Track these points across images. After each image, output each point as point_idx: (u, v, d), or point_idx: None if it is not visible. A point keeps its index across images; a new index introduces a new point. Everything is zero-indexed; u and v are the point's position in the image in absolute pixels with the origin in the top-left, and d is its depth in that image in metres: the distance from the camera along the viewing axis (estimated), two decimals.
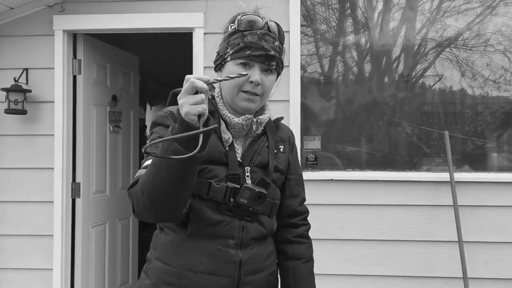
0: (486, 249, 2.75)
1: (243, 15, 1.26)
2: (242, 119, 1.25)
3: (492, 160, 2.92)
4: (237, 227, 1.23)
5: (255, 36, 1.22)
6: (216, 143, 1.23)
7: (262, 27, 1.25)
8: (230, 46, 1.24)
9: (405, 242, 2.80)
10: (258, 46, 1.21)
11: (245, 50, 1.21)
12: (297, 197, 1.45)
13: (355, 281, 2.82)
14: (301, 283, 1.39)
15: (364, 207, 2.82)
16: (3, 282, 3.03)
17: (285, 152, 1.39)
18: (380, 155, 2.98)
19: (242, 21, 1.24)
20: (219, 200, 1.21)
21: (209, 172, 1.21)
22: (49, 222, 3.00)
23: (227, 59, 1.24)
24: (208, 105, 1.20)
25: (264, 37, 1.23)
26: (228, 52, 1.24)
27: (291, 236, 1.43)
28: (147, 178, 1.07)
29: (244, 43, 1.21)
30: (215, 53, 1.32)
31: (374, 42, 3.03)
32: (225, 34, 1.28)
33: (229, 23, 1.30)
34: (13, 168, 3.02)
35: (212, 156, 1.21)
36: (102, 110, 3.48)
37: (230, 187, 1.22)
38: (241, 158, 1.28)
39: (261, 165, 1.29)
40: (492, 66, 2.93)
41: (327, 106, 3.08)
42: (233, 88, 1.24)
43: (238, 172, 1.24)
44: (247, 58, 1.21)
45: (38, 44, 3.02)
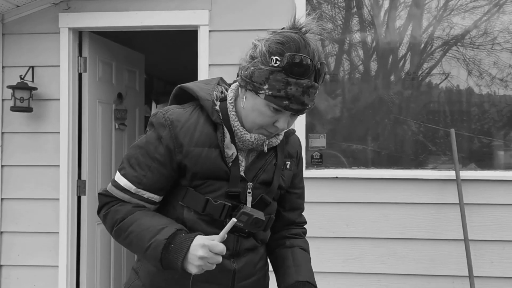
0: (492, 247, 2.73)
1: (293, 54, 1.08)
2: (254, 138, 1.20)
3: (499, 158, 2.90)
4: (231, 240, 1.22)
5: (299, 89, 1.09)
6: (217, 160, 1.18)
7: (309, 75, 1.10)
8: (269, 86, 1.10)
9: (411, 240, 2.79)
10: (299, 101, 1.10)
11: (284, 100, 1.10)
12: (297, 210, 1.43)
13: (361, 279, 2.81)
14: (300, 265, 1.34)
15: (369, 205, 2.81)
16: (10, 279, 3.04)
17: (291, 169, 1.34)
18: (386, 153, 2.97)
19: (290, 65, 1.08)
20: (215, 217, 1.19)
21: (208, 186, 1.19)
22: (55, 220, 3.01)
23: (260, 94, 1.12)
24: (214, 116, 1.19)
25: (308, 91, 1.10)
26: (264, 89, 1.11)
27: (288, 233, 1.42)
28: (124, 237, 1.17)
29: (285, 93, 1.09)
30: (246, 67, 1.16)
31: (380, 40, 3.01)
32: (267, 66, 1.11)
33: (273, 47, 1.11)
34: (19, 165, 3.04)
35: (212, 172, 1.19)
36: (107, 108, 3.49)
37: (228, 206, 1.19)
38: (244, 172, 1.23)
39: (265, 182, 1.26)
40: (499, 65, 2.91)
41: (333, 104, 3.07)
42: (256, 124, 1.18)
43: (238, 190, 1.21)
44: (283, 107, 1.11)
45: (43, 42, 3.03)
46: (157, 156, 1.18)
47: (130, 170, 1.19)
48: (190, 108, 1.23)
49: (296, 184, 1.40)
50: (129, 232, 1.14)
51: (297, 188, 1.41)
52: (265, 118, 1.15)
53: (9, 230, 3.03)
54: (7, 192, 3.04)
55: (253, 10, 2.90)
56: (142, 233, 1.12)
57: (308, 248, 1.43)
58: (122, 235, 1.16)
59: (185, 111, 1.21)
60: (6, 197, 3.04)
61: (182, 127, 1.18)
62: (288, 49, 1.09)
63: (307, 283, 1.28)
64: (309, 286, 1.28)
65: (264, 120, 1.15)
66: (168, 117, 1.19)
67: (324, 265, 2.81)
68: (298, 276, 1.29)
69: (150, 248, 1.10)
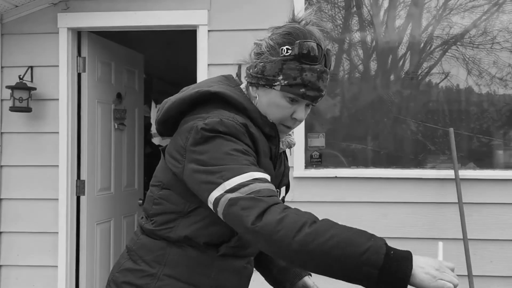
0: (491, 246, 2.73)
1: (304, 41, 1.09)
2: (284, 145, 1.23)
3: (498, 157, 2.90)
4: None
5: (314, 74, 1.09)
6: (272, 172, 1.15)
7: (320, 61, 1.11)
8: (284, 76, 1.09)
9: (410, 240, 2.79)
10: (315, 86, 1.10)
11: (300, 87, 1.09)
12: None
13: None
14: None
15: (368, 204, 2.81)
16: (9, 279, 3.04)
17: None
18: (385, 153, 2.97)
19: (303, 52, 1.08)
20: None
21: None
22: (54, 220, 3.01)
23: (275, 87, 1.11)
24: (266, 128, 1.14)
25: (322, 76, 1.11)
26: (278, 80, 1.10)
27: None
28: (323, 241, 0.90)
29: (302, 79, 1.08)
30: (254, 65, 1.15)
31: (379, 40, 3.01)
32: (279, 57, 1.10)
33: (281, 38, 1.11)
34: (18, 165, 3.04)
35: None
36: (106, 108, 3.49)
37: None
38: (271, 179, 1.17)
39: (285, 184, 1.29)
40: (499, 64, 2.91)
41: (332, 103, 3.08)
42: (275, 120, 1.15)
43: None
44: (300, 96, 1.10)
45: (42, 42, 3.04)
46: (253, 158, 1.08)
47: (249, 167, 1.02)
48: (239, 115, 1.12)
49: None
50: (331, 235, 0.90)
51: None
52: (283, 111, 1.13)
53: (8, 230, 3.04)
54: (7, 192, 3.04)
55: (252, 10, 2.90)
56: (351, 237, 0.91)
57: None
58: (318, 239, 0.90)
59: (241, 118, 1.11)
60: (6, 197, 3.04)
61: (255, 135, 1.11)
62: (297, 38, 1.10)
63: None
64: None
65: (283, 113, 1.13)
66: (241, 123, 1.08)
67: None
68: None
69: (368, 252, 0.88)
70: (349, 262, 0.89)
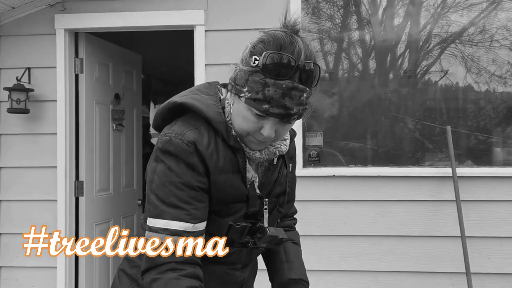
0: (489, 244, 2.74)
1: (272, 52, 0.98)
2: (265, 154, 1.14)
3: (495, 154, 2.91)
4: (245, 254, 1.24)
5: (278, 90, 0.98)
6: (240, 185, 1.13)
7: (291, 76, 0.99)
8: (248, 88, 1.01)
9: (408, 238, 2.79)
10: (279, 104, 0.99)
11: (263, 103, 1.00)
12: (290, 202, 1.41)
13: (359, 277, 2.82)
14: (293, 261, 1.32)
15: (367, 202, 2.82)
16: (8, 280, 3.05)
17: (292, 171, 1.32)
18: (383, 151, 2.97)
19: (267, 64, 0.98)
20: (236, 240, 1.18)
21: (229, 209, 1.15)
22: (53, 221, 3.02)
23: (242, 98, 1.04)
24: (231, 141, 1.10)
25: (290, 93, 0.98)
26: (244, 92, 1.02)
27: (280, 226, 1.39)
28: None
29: (263, 95, 0.99)
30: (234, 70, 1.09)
31: (378, 38, 3.02)
32: (248, 66, 1.03)
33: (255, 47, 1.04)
34: (16, 167, 3.04)
35: (235, 197, 1.14)
36: (104, 109, 3.49)
37: (248, 226, 1.17)
38: (259, 187, 1.18)
39: (279, 194, 1.24)
40: (497, 62, 2.91)
41: (330, 102, 3.08)
42: (242, 130, 1.08)
43: (257, 209, 1.18)
44: (263, 112, 1.01)
45: (40, 43, 3.04)
46: (198, 185, 1.07)
47: (175, 210, 1.05)
48: (202, 127, 1.10)
49: (290, 179, 1.37)
50: None
51: (292, 182, 1.38)
52: (249, 124, 1.05)
53: (7, 232, 3.04)
54: (5, 194, 3.04)
55: (249, 10, 2.90)
56: None
57: (299, 240, 1.42)
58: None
59: (200, 133, 1.09)
60: (4, 199, 3.04)
61: (206, 152, 1.08)
62: (267, 48, 1.00)
63: (300, 281, 1.28)
64: (302, 283, 1.28)
65: (249, 126, 1.06)
66: (189, 142, 1.06)
67: (321, 263, 2.82)
68: (291, 273, 1.29)
69: None
70: None
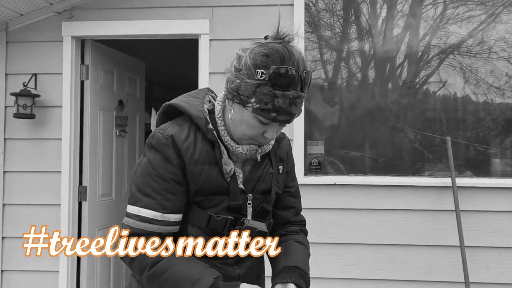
0: (488, 254, 2.77)
1: (279, 67, 1.07)
2: (247, 150, 1.22)
3: (495, 165, 2.94)
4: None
5: (286, 101, 1.09)
6: (217, 177, 1.20)
7: (295, 86, 1.09)
8: (256, 99, 1.10)
9: (408, 247, 2.82)
10: (287, 112, 1.10)
11: (271, 112, 1.10)
12: (290, 208, 1.43)
13: (358, 285, 2.84)
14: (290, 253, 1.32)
15: (367, 211, 2.85)
16: (10, 283, 3.07)
17: (283, 173, 1.37)
18: (383, 160, 3.01)
19: (276, 78, 1.07)
20: (218, 232, 1.23)
21: (209, 202, 1.22)
22: (56, 225, 3.04)
23: (248, 108, 1.12)
24: (209, 135, 1.20)
25: (295, 101, 1.10)
26: (251, 102, 1.10)
27: (284, 231, 1.42)
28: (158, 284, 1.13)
29: (273, 106, 1.09)
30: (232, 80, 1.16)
31: (377, 49, 3.06)
32: (253, 79, 1.10)
33: (258, 60, 1.10)
34: (21, 171, 3.07)
35: (213, 189, 1.21)
36: (108, 115, 3.53)
37: (230, 219, 1.22)
38: (243, 183, 1.25)
39: (264, 191, 1.29)
40: (495, 73, 2.95)
41: (331, 111, 3.12)
42: (245, 135, 1.19)
43: (239, 202, 1.23)
44: (271, 120, 1.11)
45: (47, 49, 3.08)
46: (171, 177, 1.18)
47: (148, 199, 1.17)
48: (185, 125, 1.22)
49: (287, 183, 1.41)
50: (163, 279, 1.12)
51: (289, 187, 1.41)
52: (254, 130, 1.16)
53: (10, 235, 3.06)
54: (9, 198, 3.07)
55: (253, 20, 2.95)
56: (179, 284, 1.11)
57: (305, 242, 1.41)
58: (155, 281, 1.14)
59: (181, 129, 1.21)
60: (8, 203, 3.07)
61: (183, 145, 1.18)
62: (273, 62, 1.08)
63: (295, 268, 1.26)
64: (297, 271, 1.25)
65: (253, 132, 1.16)
66: (167, 135, 1.18)
67: (321, 271, 2.84)
68: (287, 262, 1.28)
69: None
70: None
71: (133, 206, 1.18)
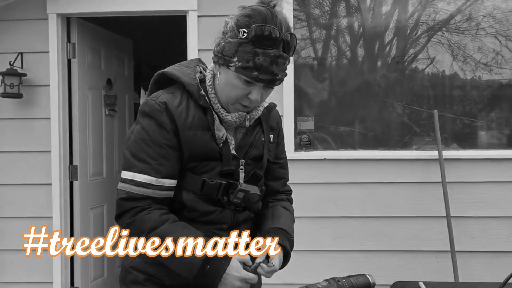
0: (473, 223, 2.85)
1: (260, 25, 1.12)
2: (235, 117, 1.25)
3: (480, 138, 3.01)
4: (229, 214, 1.29)
5: (267, 59, 1.13)
6: (209, 142, 1.24)
7: (277, 46, 1.14)
8: (238, 58, 1.14)
9: (396, 218, 2.89)
10: (268, 70, 1.14)
11: (253, 71, 1.13)
12: (280, 179, 1.48)
13: (348, 256, 2.91)
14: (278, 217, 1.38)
15: (356, 185, 2.90)
16: (4, 263, 3.08)
17: (274, 142, 1.41)
18: (372, 135, 3.05)
19: (257, 36, 1.12)
20: (212, 196, 1.26)
21: (203, 167, 1.25)
22: (48, 204, 3.05)
23: (231, 67, 1.16)
24: (201, 101, 1.23)
25: (277, 60, 1.14)
26: (234, 62, 1.15)
27: (271, 199, 1.46)
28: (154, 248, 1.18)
29: (254, 63, 1.13)
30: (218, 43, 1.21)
31: (366, 26, 3.08)
32: (236, 39, 1.14)
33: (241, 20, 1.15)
34: (10, 151, 3.06)
35: (206, 154, 1.24)
36: (97, 94, 3.51)
37: (224, 184, 1.25)
38: (235, 149, 1.29)
39: (256, 157, 1.32)
40: (483, 50, 2.99)
41: (320, 88, 3.15)
42: (230, 98, 1.22)
43: (232, 168, 1.27)
44: (253, 79, 1.15)
45: (32, 28, 3.04)
46: (165, 142, 1.21)
47: (142, 164, 1.20)
48: (177, 92, 1.26)
49: (278, 155, 1.45)
50: (163, 247, 1.17)
51: (279, 158, 1.46)
52: (238, 91, 1.18)
53: (2, 215, 3.07)
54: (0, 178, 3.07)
55: None
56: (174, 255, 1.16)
57: (291, 209, 1.47)
58: (152, 246, 1.19)
59: (174, 96, 1.24)
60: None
61: (176, 111, 1.22)
62: (254, 21, 1.13)
63: (280, 230, 1.32)
64: (282, 232, 1.31)
65: (237, 93, 1.19)
66: (160, 102, 1.22)
67: (313, 243, 2.90)
68: (274, 225, 1.34)
69: (185, 266, 1.16)
70: (175, 267, 1.20)
71: (128, 171, 1.21)
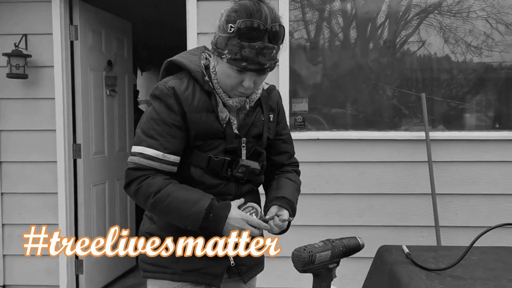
0: (456, 200, 3.02)
1: (244, 20, 1.24)
2: (236, 102, 1.39)
3: (465, 120, 3.16)
4: (233, 186, 1.45)
5: (252, 51, 1.24)
6: (214, 123, 1.37)
7: (262, 38, 1.25)
8: (228, 50, 1.27)
9: (385, 195, 3.05)
10: (255, 61, 1.26)
11: (241, 62, 1.26)
12: (284, 153, 1.62)
13: (340, 231, 3.07)
14: (281, 187, 1.51)
15: (348, 164, 3.06)
16: (11, 237, 3.23)
17: (274, 121, 1.53)
18: (363, 116, 3.19)
19: (242, 30, 1.24)
20: (217, 171, 1.40)
21: (208, 145, 1.38)
22: (53, 181, 3.18)
23: (223, 59, 1.29)
24: (206, 86, 1.38)
25: (262, 51, 1.25)
26: (225, 54, 1.28)
27: (278, 171, 1.61)
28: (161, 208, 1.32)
29: (241, 55, 1.25)
30: (214, 36, 1.33)
31: (359, 9, 3.17)
32: (225, 33, 1.27)
33: (229, 16, 1.27)
34: (16, 130, 3.18)
35: (211, 134, 1.38)
36: (98, 75, 3.61)
37: (227, 160, 1.39)
38: (237, 129, 1.42)
39: (256, 136, 1.46)
40: (474, 32, 3.10)
41: (314, 70, 3.26)
42: (227, 86, 1.34)
43: (234, 145, 1.40)
44: (242, 68, 1.27)
45: (36, 10, 3.12)
46: (173, 122, 1.34)
47: (151, 140, 1.33)
48: (185, 78, 1.38)
49: (279, 131, 1.58)
50: (166, 203, 1.30)
51: (281, 134, 1.59)
52: (232, 80, 1.31)
53: (9, 191, 3.20)
54: (6, 156, 3.19)
55: None
56: (180, 205, 1.30)
57: (296, 179, 1.59)
58: (158, 206, 1.32)
59: (181, 82, 1.37)
60: (5, 160, 3.19)
61: (183, 95, 1.35)
62: (239, 16, 1.25)
63: (283, 198, 1.45)
64: (285, 200, 1.45)
65: (232, 81, 1.32)
66: (169, 87, 1.35)
67: (306, 219, 3.07)
68: (277, 194, 1.48)
69: (191, 217, 1.30)
70: (181, 221, 1.34)
71: (138, 146, 1.34)
